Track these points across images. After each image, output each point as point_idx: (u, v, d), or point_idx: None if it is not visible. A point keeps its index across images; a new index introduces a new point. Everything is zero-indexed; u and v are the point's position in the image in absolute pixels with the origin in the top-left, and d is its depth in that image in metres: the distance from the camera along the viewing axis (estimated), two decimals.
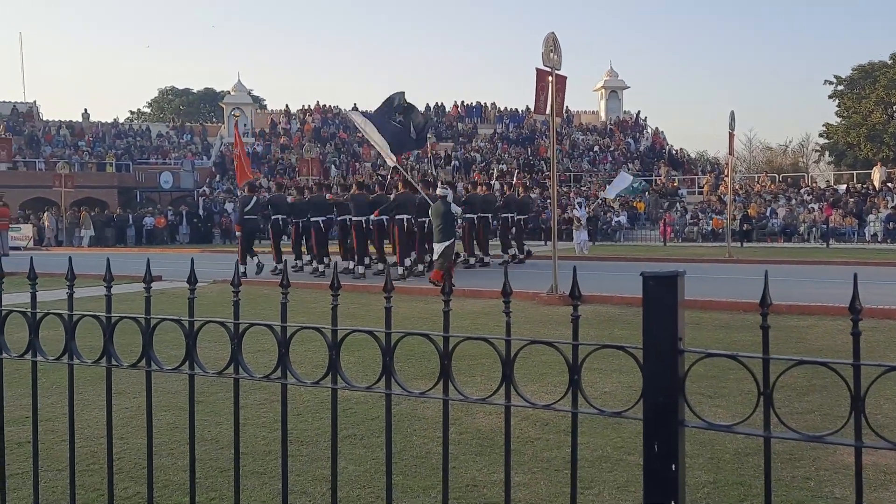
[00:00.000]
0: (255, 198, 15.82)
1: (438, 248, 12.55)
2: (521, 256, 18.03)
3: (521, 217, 18.24)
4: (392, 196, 15.41)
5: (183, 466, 3.79)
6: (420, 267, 14.61)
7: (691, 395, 1.62)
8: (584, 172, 38.37)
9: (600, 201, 30.25)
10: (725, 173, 29.35)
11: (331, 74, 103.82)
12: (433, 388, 1.97)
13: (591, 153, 40.81)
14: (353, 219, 14.81)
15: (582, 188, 34.89)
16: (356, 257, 14.83)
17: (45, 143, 40.27)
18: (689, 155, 43.84)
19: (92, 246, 29.84)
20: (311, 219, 15.73)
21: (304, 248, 16.51)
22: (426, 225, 14.38)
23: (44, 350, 2.50)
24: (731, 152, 20.14)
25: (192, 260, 2.69)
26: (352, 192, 15.88)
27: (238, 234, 16.21)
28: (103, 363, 2.39)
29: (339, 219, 15.76)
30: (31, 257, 2.87)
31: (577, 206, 21.65)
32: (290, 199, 16.99)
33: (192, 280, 2.35)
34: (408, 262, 14.60)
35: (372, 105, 22.54)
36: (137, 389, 5.26)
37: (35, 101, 45.48)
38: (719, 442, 4.19)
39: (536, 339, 1.88)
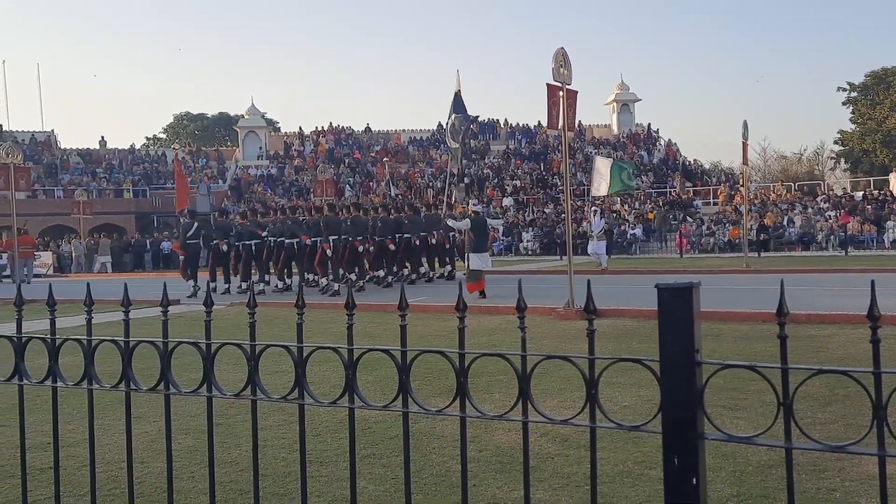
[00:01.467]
0: (195, 223, 17.07)
1: (475, 258, 13.53)
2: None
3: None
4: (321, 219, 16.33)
5: (203, 489, 3.79)
6: (336, 286, 15.69)
7: (711, 408, 1.61)
8: None
9: (595, 201, 29.00)
10: (740, 183, 29.19)
11: (343, 95, 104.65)
12: (450, 405, 1.97)
13: None
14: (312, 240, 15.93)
15: (596, 201, 34.81)
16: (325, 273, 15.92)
17: (63, 171, 40.82)
18: (702, 166, 43.68)
19: (108, 272, 30.10)
20: (280, 240, 16.42)
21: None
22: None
23: (63, 376, 2.52)
24: (745, 162, 20.04)
25: (208, 283, 2.70)
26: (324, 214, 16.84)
27: (181, 258, 17.23)
28: (122, 388, 2.41)
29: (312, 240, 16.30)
30: (50, 284, 2.90)
31: (593, 217, 20.97)
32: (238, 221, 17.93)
33: (208, 303, 2.37)
34: (323, 280, 16.19)
35: (382, 125, 23.45)
36: (156, 413, 5.28)
37: (53, 130, 46.14)
38: (742, 454, 4.14)
39: (552, 353, 1.87)
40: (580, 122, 45.30)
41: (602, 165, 20.06)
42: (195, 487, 3.89)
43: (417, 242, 17.17)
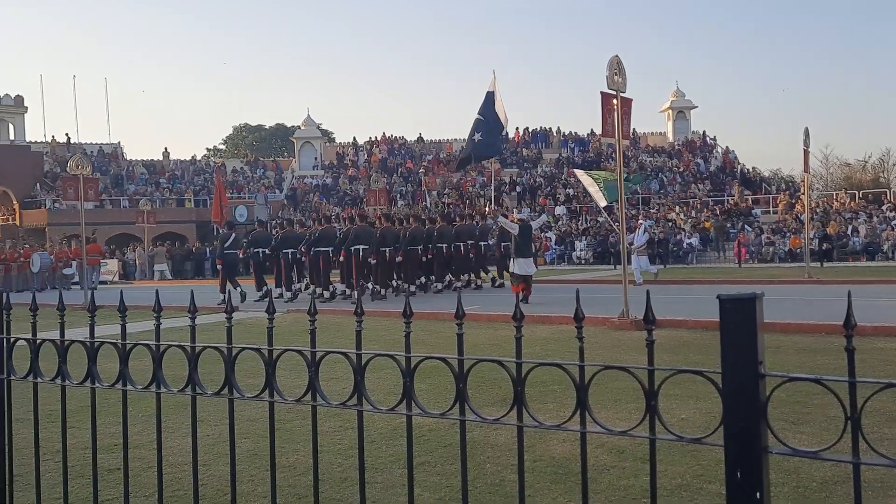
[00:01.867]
0: (233, 234, 17.72)
1: (521, 263, 14.49)
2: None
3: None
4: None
5: (262, 493, 3.87)
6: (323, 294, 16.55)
7: (773, 422, 1.58)
8: (653, 194, 37.75)
9: (601, 211, 27.80)
10: (802, 191, 28.41)
11: (396, 105, 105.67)
12: (507, 414, 1.98)
13: (659, 175, 40.16)
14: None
15: (651, 210, 34.31)
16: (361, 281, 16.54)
17: (129, 182, 42.17)
18: (761, 174, 42.66)
19: (164, 279, 30.96)
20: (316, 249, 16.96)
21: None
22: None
23: (133, 379, 2.61)
24: (806, 169, 19.52)
25: (270, 290, 2.77)
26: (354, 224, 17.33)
27: (220, 266, 17.89)
28: (188, 392, 2.48)
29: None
30: (122, 291, 3.01)
31: (638, 231, 20.70)
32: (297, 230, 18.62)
33: (270, 310, 2.43)
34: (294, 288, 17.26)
35: (434, 134, 23.76)
36: (218, 417, 5.41)
37: (119, 143, 47.78)
38: (805, 470, 4.03)
39: (611, 364, 1.86)
40: (635, 129, 44.76)
41: (584, 180, 19.79)
42: (255, 491, 3.97)
43: (447, 252, 17.75)
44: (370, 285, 16.65)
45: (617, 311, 10.57)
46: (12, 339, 2.99)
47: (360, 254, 16.29)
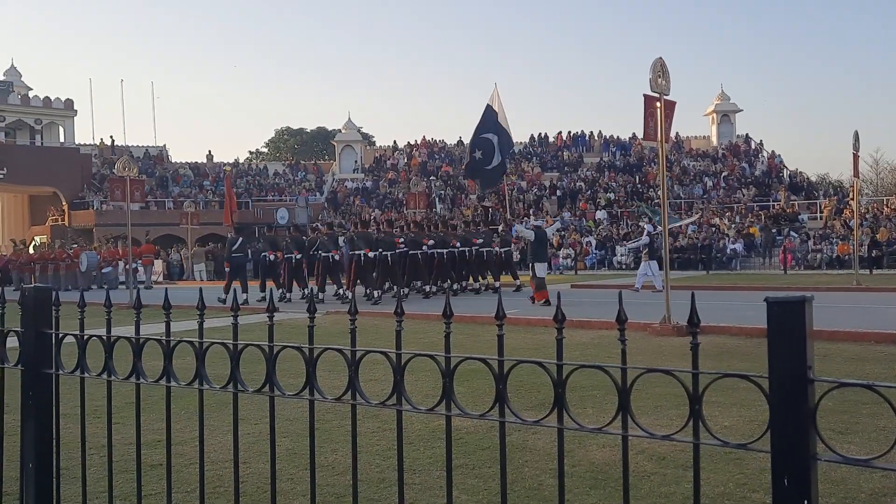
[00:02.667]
0: (240, 238, 18.80)
1: (539, 267, 15.29)
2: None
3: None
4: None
5: (301, 492, 3.90)
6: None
7: (821, 431, 1.54)
8: (696, 199, 37.21)
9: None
10: (850, 197, 27.72)
11: (436, 109, 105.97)
12: (547, 416, 1.96)
13: (703, 179, 39.57)
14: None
15: (694, 216, 33.81)
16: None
17: (173, 184, 43.02)
18: (808, 178, 41.73)
19: (203, 279, 31.50)
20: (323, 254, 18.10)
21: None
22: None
23: (176, 376, 2.66)
24: (855, 174, 19.03)
25: (312, 289, 2.79)
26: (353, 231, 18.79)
27: (227, 269, 18.83)
28: (230, 389, 2.51)
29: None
30: (166, 290, 3.07)
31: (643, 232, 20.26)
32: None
33: (311, 309, 2.44)
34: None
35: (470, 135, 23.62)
36: (258, 416, 5.48)
37: (165, 145, 48.73)
38: (853, 480, 3.92)
39: (654, 367, 1.83)
40: (677, 133, 44.19)
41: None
42: (294, 489, 4.01)
43: (445, 257, 18.32)
44: (368, 289, 17.30)
45: (658, 316, 10.43)
46: (61, 335, 3.06)
47: (361, 259, 16.97)
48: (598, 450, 4.65)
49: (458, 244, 18.68)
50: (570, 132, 47.39)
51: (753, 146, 43.55)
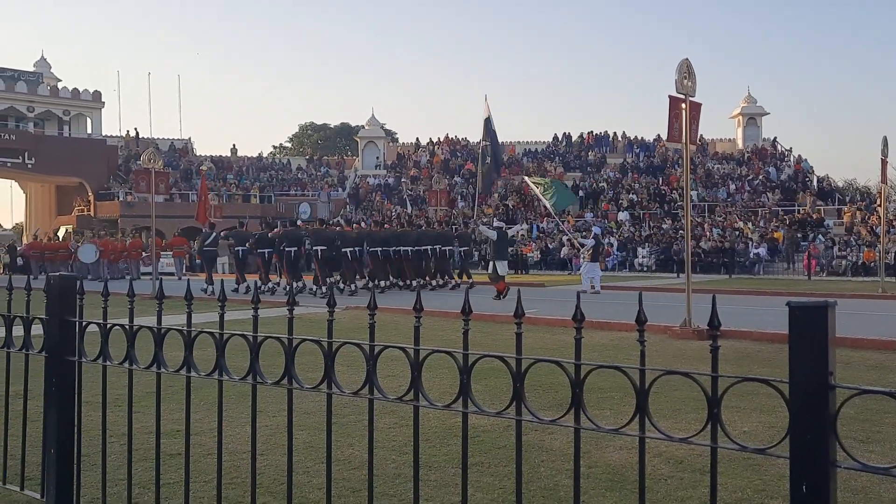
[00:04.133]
0: (213, 233, 20.05)
1: (500, 265, 16.55)
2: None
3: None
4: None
5: (317, 485, 3.92)
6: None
7: (841, 438, 1.52)
8: (720, 202, 36.87)
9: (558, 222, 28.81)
10: (878, 203, 27.31)
11: (459, 107, 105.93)
12: (564, 416, 1.95)
13: (727, 182, 39.19)
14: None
15: (717, 219, 33.52)
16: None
17: (197, 177, 43.37)
18: (835, 183, 41.18)
19: (226, 272, 31.83)
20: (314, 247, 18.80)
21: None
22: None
23: (197, 367, 2.68)
24: (883, 180, 18.76)
25: (332, 284, 2.80)
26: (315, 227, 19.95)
27: (199, 262, 21.00)
28: (249, 380, 2.53)
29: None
30: (189, 281, 3.10)
31: (591, 232, 21.44)
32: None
33: (331, 303, 2.46)
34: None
35: (501, 137, 24.75)
36: (276, 408, 5.51)
37: (190, 138, 49.16)
38: (874, 490, 3.87)
39: (673, 369, 1.82)
40: (702, 135, 43.76)
41: (533, 188, 22.27)
42: (310, 482, 4.03)
43: (410, 254, 19.63)
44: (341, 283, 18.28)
45: (679, 319, 10.36)
46: (84, 324, 3.10)
47: (319, 253, 18.11)
48: (614, 451, 4.63)
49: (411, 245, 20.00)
50: (592, 132, 47.15)
51: (780, 150, 43.04)
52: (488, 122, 22.20)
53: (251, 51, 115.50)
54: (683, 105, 10.45)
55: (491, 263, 16.92)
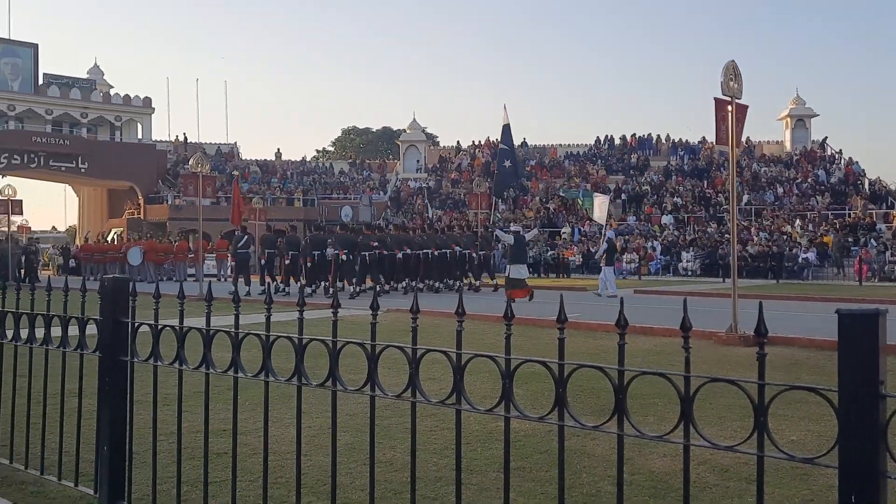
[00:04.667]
0: (245, 236, 20.81)
1: (515, 269, 16.65)
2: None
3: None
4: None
5: (360, 486, 3.97)
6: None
7: (892, 447, 1.49)
8: (767, 206, 36.14)
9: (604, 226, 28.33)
10: None
11: (501, 110, 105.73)
12: (607, 422, 1.95)
13: (774, 185, 38.40)
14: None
15: (765, 223, 32.86)
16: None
17: (242, 180, 44.10)
18: (888, 187, 40.01)
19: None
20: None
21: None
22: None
23: (244, 367, 2.74)
24: None
25: (375, 288, 2.84)
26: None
27: (232, 263, 22.05)
28: (295, 381, 2.58)
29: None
30: (236, 283, 3.16)
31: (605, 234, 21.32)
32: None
33: (374, 306, 2.49)
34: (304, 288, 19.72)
35: (539, 140, 24.96)
36: (319, 410, 5.58)
37: (236, 143, 50.01)
38: None
39: (718, 376, 1.81)
40: (748, 137, 42.98)
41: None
42: (353, 483, 4.07)
43: (423, 257, 20.07)
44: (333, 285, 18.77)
45: (724, 325, 10.19)
46: (137, 325, 3.19)
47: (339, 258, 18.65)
48: (658, 459, 4.58)
49: (436, 249, 20.35)
50: (635, 135, 46.65)
51: (830, 152, 42.00)
52: (507, 129, 22.95)
53: (296, 56, 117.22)
54: (729, 107, 10.29)
55: (508, 267, 17.04)
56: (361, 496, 3.80)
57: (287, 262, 20.07)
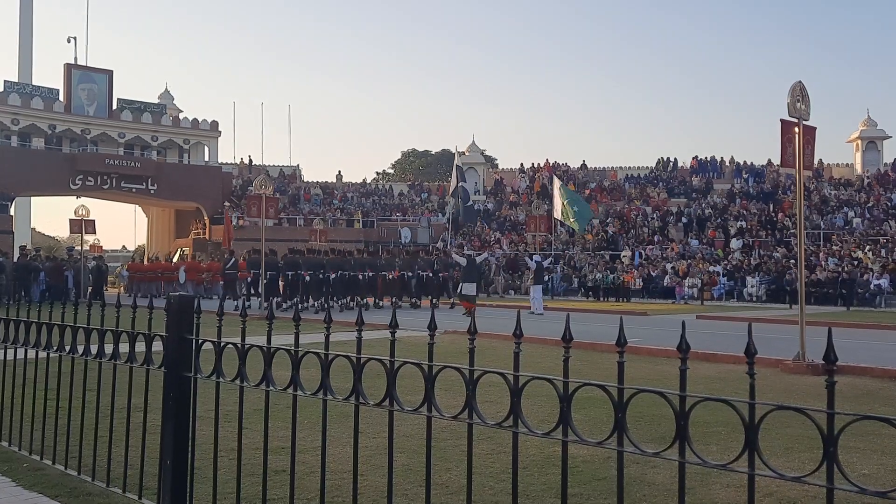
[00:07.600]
0: (233, 259, 23.76)
1: (466, 286, 19.66)
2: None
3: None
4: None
5: None
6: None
7: None
8: (837, 230, 34.94)
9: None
10: None
11: (561, 132, 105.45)
12: (668, 448, 1.90)
13: (843, 209, 37.13)
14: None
15: (834, 248, 31.76)
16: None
17: (304, 202, 44.96)
18: None
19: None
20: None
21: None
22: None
23: (303, 385, 2.77)
24: None
25: (433, 310, 2.84)
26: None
27: (221, 283, 24.48)
28: (352, 401, 2.60)
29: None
30: (296, 302, 3.21)
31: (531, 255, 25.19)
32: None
33: (431, 326, 2.50)
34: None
35: (599, 162, 25.38)
36: (375, 430, 5.60)
37: (298, 165, 51.10)
38: None
39: (784, 404, 1.75)
40: (819, 160, 41.75)
41: (556, 192, 25.74)
42: None
43: (389, 277, 23.50)
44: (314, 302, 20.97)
45: (791, 353, 9.86)
46: (200, 341, 3.27)
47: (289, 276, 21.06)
48: (721, 489, 4.44)
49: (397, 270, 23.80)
50: (697, 157, 45.84)
51: None
52: (460, 169, 25.40)
53: (357, 81, 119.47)
54: (796, 129, 10.03)
55: (460, 285, 20.48)
56: None
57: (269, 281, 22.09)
